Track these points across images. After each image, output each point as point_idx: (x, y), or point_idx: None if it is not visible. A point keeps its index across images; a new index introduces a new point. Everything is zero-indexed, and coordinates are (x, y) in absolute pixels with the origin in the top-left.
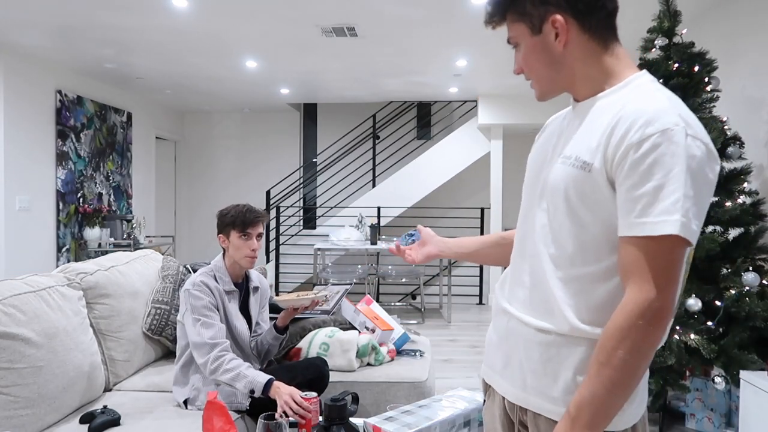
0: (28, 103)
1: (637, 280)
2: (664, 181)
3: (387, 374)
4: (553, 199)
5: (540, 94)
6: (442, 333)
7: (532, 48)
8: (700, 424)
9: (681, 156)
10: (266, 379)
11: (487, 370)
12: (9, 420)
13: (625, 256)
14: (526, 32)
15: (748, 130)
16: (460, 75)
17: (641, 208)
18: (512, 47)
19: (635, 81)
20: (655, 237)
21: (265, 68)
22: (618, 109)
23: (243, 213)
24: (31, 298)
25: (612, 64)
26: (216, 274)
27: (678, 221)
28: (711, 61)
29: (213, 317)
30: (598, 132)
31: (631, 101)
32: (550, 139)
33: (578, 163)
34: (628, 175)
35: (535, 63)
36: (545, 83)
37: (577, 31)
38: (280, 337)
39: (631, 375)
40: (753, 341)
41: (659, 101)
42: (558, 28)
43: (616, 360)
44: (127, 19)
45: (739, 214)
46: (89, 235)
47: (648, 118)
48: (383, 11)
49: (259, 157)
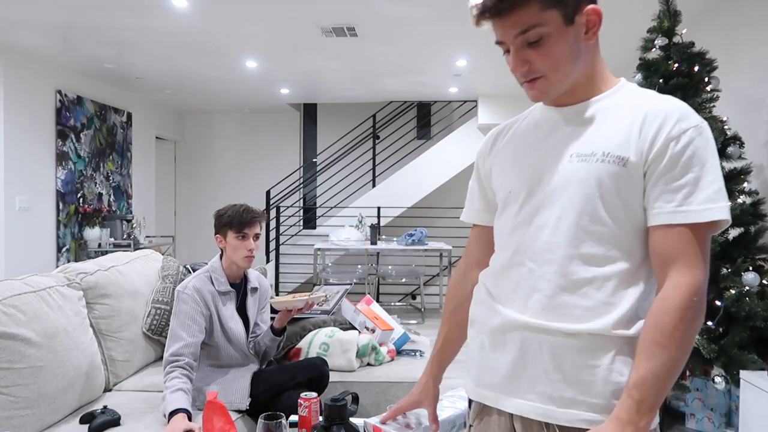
0: (28, 103)
1: (686, 263)
2: (702, 172)
3: (387, 374)
4: (578, 196)
5: (543, 92)
6: None
7: (564, 38)
8: (700, 424)
9: (712, 149)
10: (171, 409)
11: (483, 390)
12: (9, 420)
13: (667, 242)
14: (559, 21)
15: (748, 130)
16: (460, 75)
17: (682, 197)
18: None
19: (627, 86)
20: (700, 224)
21: (265, 68)
22: (634, 107)
23: (240, 213)
24: (31, 298)
25: (604, 67)
26: (212, 275)
27: (725, 207)
28: (711, 61)
29: (191, 327)
30: (622, 129)
31: (647, 99)
32: (534, 141)
33: (611, 159)
34: (667, 167)
35: (559, 55)
36: (560, 78)
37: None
38: (276, 339)
39: (687, 352)
40: (753, 341)
41: (675, 101)
42: (593, 20)
43: (677, 339)
44: (127, 19)
45: (739, 214)
46: (89, 235)
47: (680, 114)
48: (383, 11)
49: (259, 157)
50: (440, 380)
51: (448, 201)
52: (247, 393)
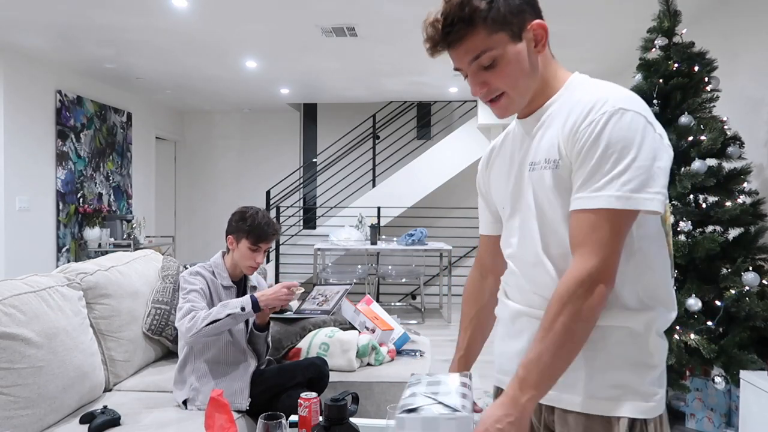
0: (28, 103)
1: (585, 250)
2: (618, 158)
3: (387, 374)
4: (534, 204)
5: (509, 109)
6: (442, 333)
7: (516, 56)
8: (700, 424)
9: (637, 133)
10: (249, 297)
11: (502, 376)
12: (9, 420)
13: (574, 228)
14: (507, 41)
15: (748, 130)
16: (460, 75)
17: (594, 183)
18: (473, 68)
19: (575, 81)
20: (609, 210)
21: (265, 68)
22: (571, 105)
23: (261, 226)
24: (31, 298)
25: (556, 67)
26: (215, 270)
27: (636, 197)
28: (711, 61)
29: (200, 302)
30: (557, 131)
31: (585, 93)
32: (510, 155)
33: (549, 164)
34: (582, 154)
35: (515, 73)
36: (521, 93)
37: None
38: (261, 334)
39: (572, 339)
40: (753, 341)
41: (611, 89)
42: (539, 33)
43: (557, 330)
44: (127, 19)
45: (739, 214)
46: (89, 235)
47: (606, 100)
48: (383, 11)
49: (259, 157)
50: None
51: (448, 201)
52: (247, 393)
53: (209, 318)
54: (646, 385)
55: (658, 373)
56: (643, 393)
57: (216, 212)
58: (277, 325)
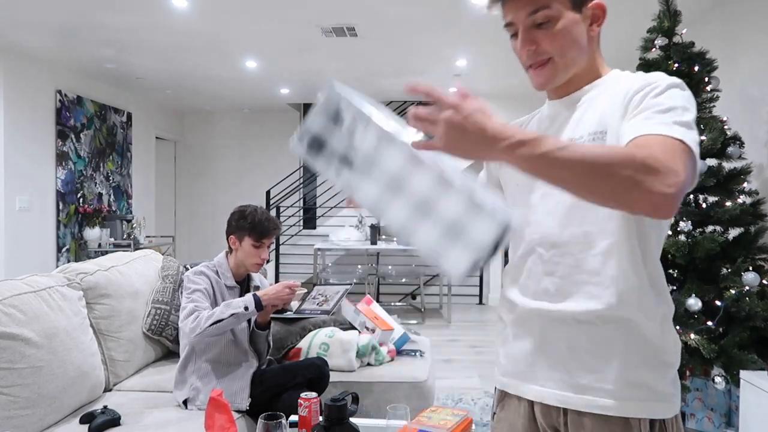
0: (28, 103)
1: (665, 156)
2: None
3: (387, 374)
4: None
5: (549, 78)
6: (442, 333)
7: (571, 24)
8: (700, 424)
9: (689, 100)
10: (251, 296)
11: (507, 379)
12: (9, 420)
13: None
14: (567, 5)
15: (748, 130)
16: (460, 75)
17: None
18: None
19: (618, 73)
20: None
21: (265, 68)
22: (619, 86)
23: (262, 222)
24: (31, 298)
25: (602, 60)
26: (218, 270)
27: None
28: (711, 61)
29: (202, 301)
30: (606, 106)
31: (633, 78)
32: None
33: (593, 137)
34: (641, 105)
35: (567, 40)
36: (566, 63)
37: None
38: (262, 333)
39: (615, 174)
40: (753, 341)
41: (662, 74)
42: (598, 13)
43: (622, 153)
44: (127, 19)
45: (739, 214)
46: (89, 236)
47: (660, 76)
48: (383, 11)
49: (259, 157)
50: None
51: None
52: (247, 393)
53: (213, 318)
54: (665, 384)
55: (675, 371)
56: (662, 392)
57: (216, 212)
58: (277, 324)
